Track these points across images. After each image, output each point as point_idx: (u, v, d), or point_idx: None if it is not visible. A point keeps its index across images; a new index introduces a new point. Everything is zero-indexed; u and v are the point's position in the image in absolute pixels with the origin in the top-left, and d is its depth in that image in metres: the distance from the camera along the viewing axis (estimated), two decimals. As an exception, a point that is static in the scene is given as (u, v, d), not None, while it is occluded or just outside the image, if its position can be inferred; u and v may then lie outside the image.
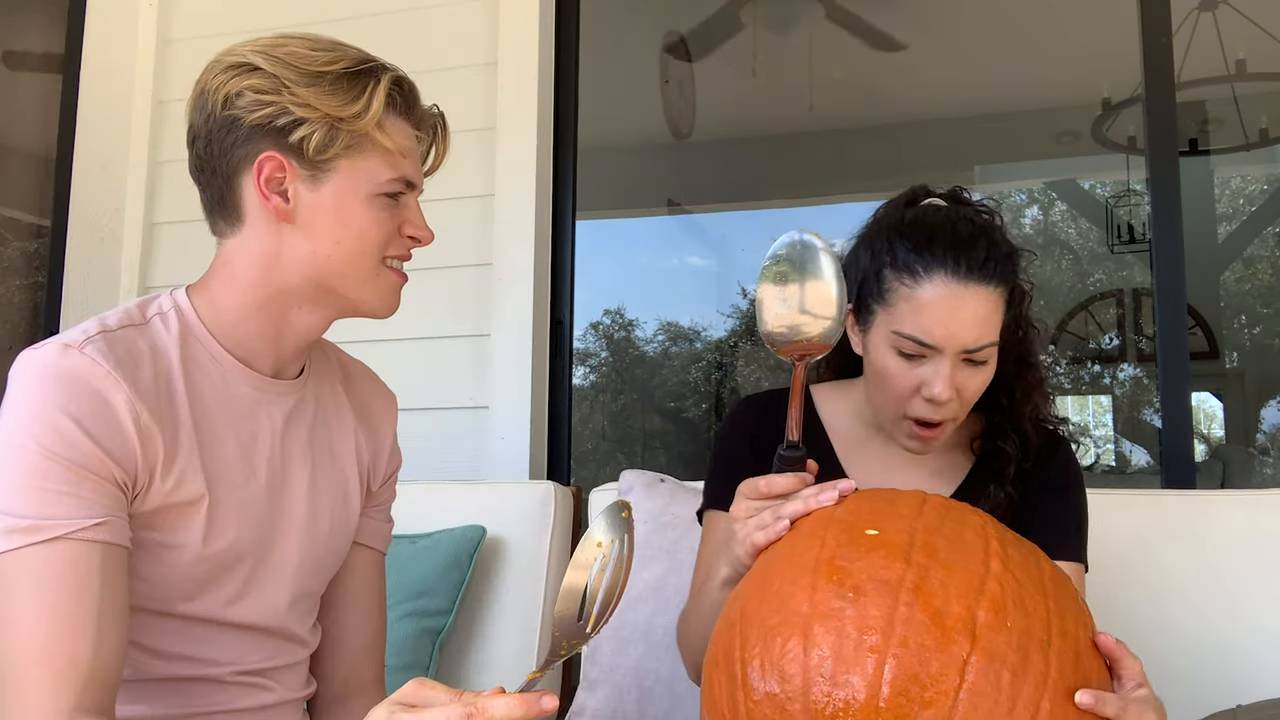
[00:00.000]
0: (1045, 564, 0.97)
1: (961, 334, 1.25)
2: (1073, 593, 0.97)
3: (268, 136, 1.12)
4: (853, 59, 4.39)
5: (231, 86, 1.12)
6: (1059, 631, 0.90)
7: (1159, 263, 2.26)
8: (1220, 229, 5.91)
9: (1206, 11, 3.88)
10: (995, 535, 0.96)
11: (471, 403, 2.50)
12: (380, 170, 1.15)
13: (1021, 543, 0.99)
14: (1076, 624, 0.93)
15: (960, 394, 1.28)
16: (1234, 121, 4.57)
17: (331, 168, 1.13)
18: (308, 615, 1.29)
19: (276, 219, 1.15)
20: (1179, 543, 1.78)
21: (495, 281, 2.52)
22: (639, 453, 6.26)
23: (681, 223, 6.01)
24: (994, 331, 1.27)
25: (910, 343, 1.27)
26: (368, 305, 1.19)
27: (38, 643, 1.00)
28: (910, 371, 1.28)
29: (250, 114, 1.12)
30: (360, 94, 1.12)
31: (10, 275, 3.09)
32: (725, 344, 6.31)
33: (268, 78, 1.11)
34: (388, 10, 2.68)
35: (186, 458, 1.12)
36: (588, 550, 0.89)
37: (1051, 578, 0.95)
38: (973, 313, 1.25)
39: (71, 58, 2.91)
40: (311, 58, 1.12)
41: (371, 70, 1.15)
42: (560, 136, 2.63)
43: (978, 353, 1.27)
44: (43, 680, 0.99)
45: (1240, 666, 1.68)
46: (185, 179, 1.21)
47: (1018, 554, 0.95)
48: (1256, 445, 6.28)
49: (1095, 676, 0.91)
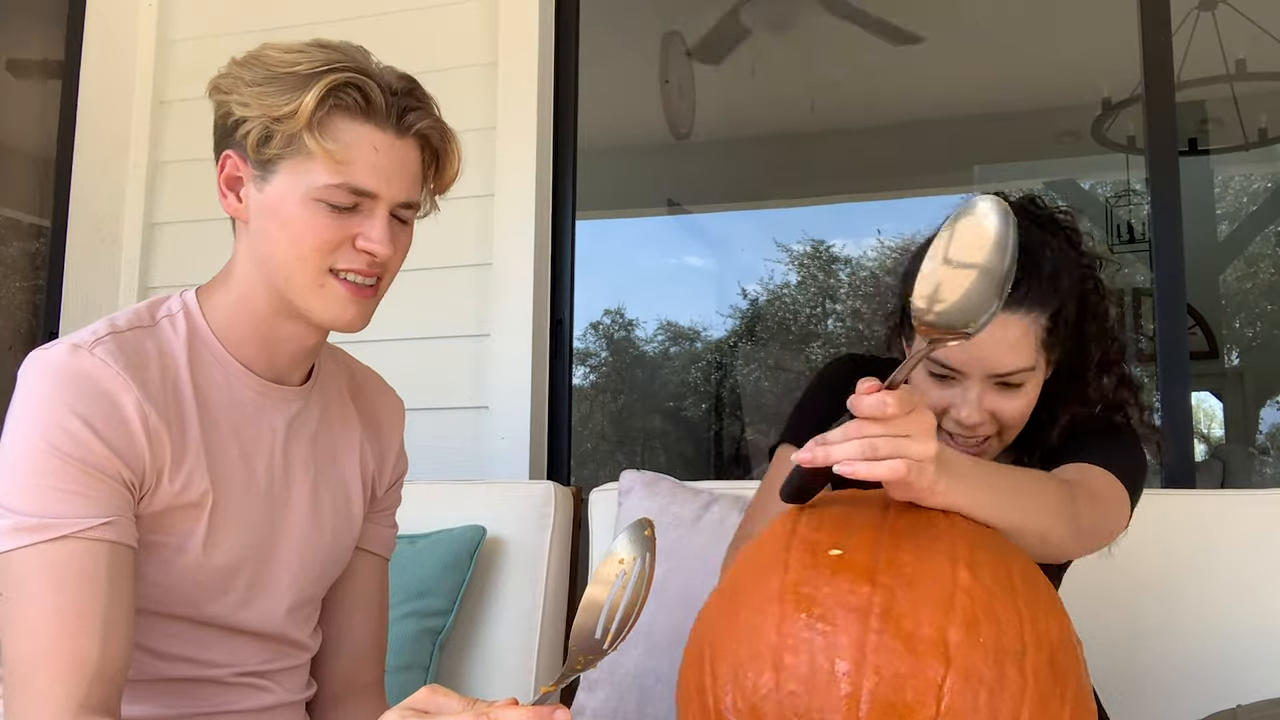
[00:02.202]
0: (1015, 560, 0.96)
1: (988, 361, 1.23)
2: (1043, 585, 0.96)
3: (226, 136, 1.14)
4: (853, 59, 4.39)
5: (211, 85, 1.15)
6: (1032, 637, 0.89)
7: (1159, 262, 2.26)
8: (1220, 229, 5.91)
9: (1206, 11, 3.87)
10: (963, 539, 0.95)
11: (471, 403, 2.50)
12: (318, 174, 1.09)
13: (989, 541, 0.97)
14: (1049, 619, 0.92)
15: (997, 416, 1.26)
16: (1234, 121, 4.57)
17: (275, 168, 1.11)
18: (308, 621, 1.29)
19: (236, 219, 1.16)
20: (1179, 542, 1.78)
21: (495, 281, 2.52)
22: (639, 453, 6.26)
23: (681, 222, 6.01)
24: (1027, 357, 1.24)
25: (938, 366, 1.26)
26: (316, 316, 1.15)
27: (45, 640, 1.00)
28: (940, 393, 1.27)
29: (215, 113, 1.15)
30: (300, 94, 1.07)
31: (10, 276, 3.09)
32: (725, 344, 6.31)
33: (230, 78, 1.12)
34: (387, 10, 2.68)
35: (194, 460, 1.12)
36: (609, 566, 0.89)
37: (1022, 575, 0.94)
38: (997, 340, 1.22)
39: (71, 58, 2.91)
40: (279, 59, 1.10)
41: (331, 71, 1.08)
42: (560, 136, 2.63)
43: (1010, 376, 1.24)
44: (51, 678, 0.99)
45: (1241, 665, 1.68)
46: (185, 179, 1.22)
47: (986, 556, 0.94)
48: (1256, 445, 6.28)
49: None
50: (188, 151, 2.76)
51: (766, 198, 5.70)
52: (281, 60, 1.10)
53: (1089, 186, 5.88)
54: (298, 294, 1.14)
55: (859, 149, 5.19)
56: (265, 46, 1.13)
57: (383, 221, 1.12)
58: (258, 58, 1.11)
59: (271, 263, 1.13)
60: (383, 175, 1.11)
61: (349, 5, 2.70)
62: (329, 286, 1.13)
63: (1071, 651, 0.93)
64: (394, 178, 1.12)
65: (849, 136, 5.22)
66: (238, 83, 1.10)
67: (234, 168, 1.14)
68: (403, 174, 1.13)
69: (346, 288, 1.13)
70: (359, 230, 1.12)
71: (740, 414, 6.12)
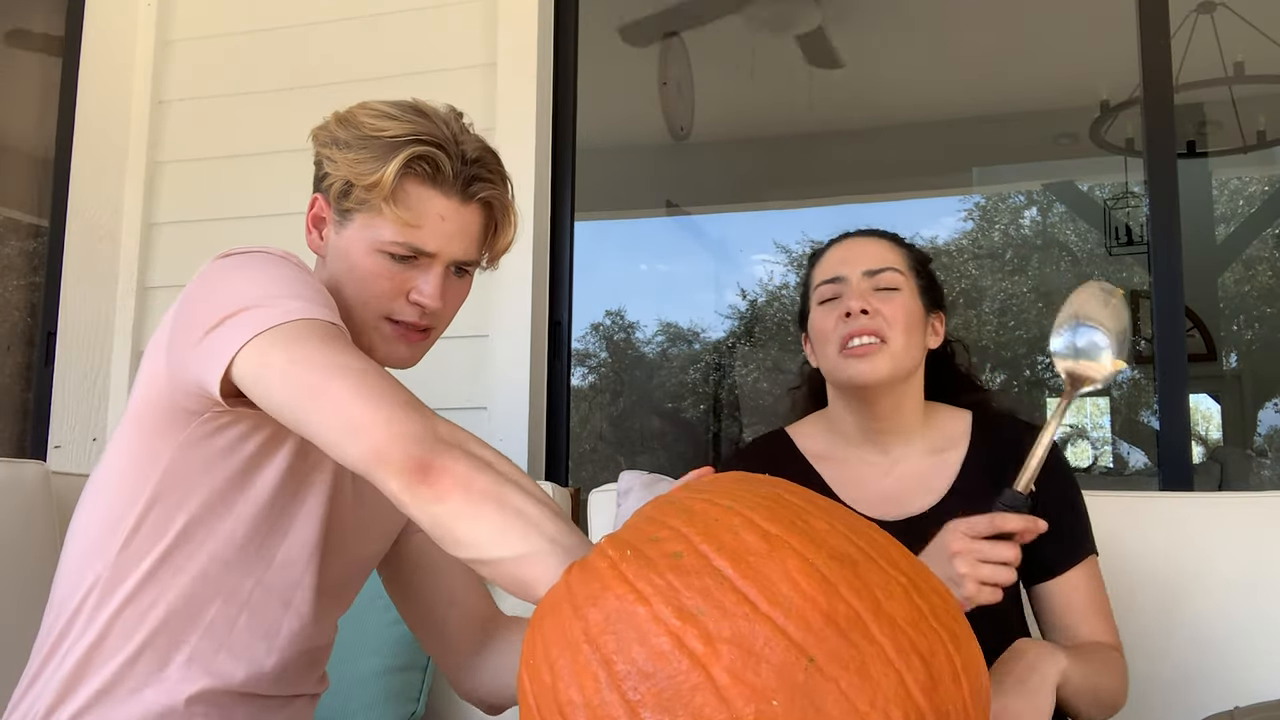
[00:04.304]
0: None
1: (859, 259, 1.48)
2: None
3: (317, 182, 1.27)
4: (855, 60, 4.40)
5: (312, 133, 1.27)
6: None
7: (1157, 265, 2.26)
8: (1218, 231, 5.92)
9: (1205, 14, 3.88)
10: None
11: (470, 403, 2.50)
12: (385, 231, 1.20)
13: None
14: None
15: (881, 314, 1.43)
16: (1232, 123, 4.58)
17: (352, 217, 1.22)
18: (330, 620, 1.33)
19: (316, 253, 1.28)
20: (1176, 545, 1.78)
21: (494, 282, 2.51)
22: (638, 453, 6.26)
23: (680, 224, 6.01)
24: (889, 259, 1.48)
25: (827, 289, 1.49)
26: (371, 352, 1.23)
27: (370, 383, 1.01)
28: (833, 308, 1.47)
29: (314, 159, 1.28)
30: (380, 166, 1.18)
31: (8, 275, 3.09)
32: (724, 345, 6.32)
33: (327, 133, 1.24)
34: (387, 11, 2.68)
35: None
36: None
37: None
38: (864, 247, 1.50)
39: (70, 59, 2.91)
40: (371, 125, 1.20)
41: (413, 143, 1.18)
42: (559, 137, 2.63)
43: (880, 275, 1.46)
44: (393, 404, 0.99)
45: (1239, 668, 1.68)
46: (184, 179, 1.24)
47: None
48: (1254, 447, 6.30)
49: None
50: (186, 151, 2.76)
51: (765, 199, 5.71)
52: (373, 126, 1.20)
53: (1087, 188, 5.89)
54: (357, 329, 1.23)
55: (858, 150, 5.20)
56: (362, 106, 1.23)
57: (437, 277, 1.23)
58: (352, 119, 1.22)
59: (339, 297, 1.21)
60: (444, 238, 1.22)
61: (349, 5, 2.70)
62: (382, 329, 1.24)
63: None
64: (454, 239, 1.23)
65: (848, 138, 5.23)
66: (332, 142, 1.22)
67: (320, 209, 1.26)
68: (463, 236, 1.24)
69: (397, 331, 1.24)
70: (415, 284, 1.23)
71: (739, 414, 6.13)
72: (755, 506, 0.82)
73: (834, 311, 1.46)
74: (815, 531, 0.81)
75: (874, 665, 0.74)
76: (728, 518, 0.81)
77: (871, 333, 1.42)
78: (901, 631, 0.77)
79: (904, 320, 1.44)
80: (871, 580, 0.79)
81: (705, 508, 0.83)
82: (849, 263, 1.48)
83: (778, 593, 0.75)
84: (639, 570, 0.78)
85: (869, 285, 1.45)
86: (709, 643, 0.73)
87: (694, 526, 0.81)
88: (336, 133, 1.22)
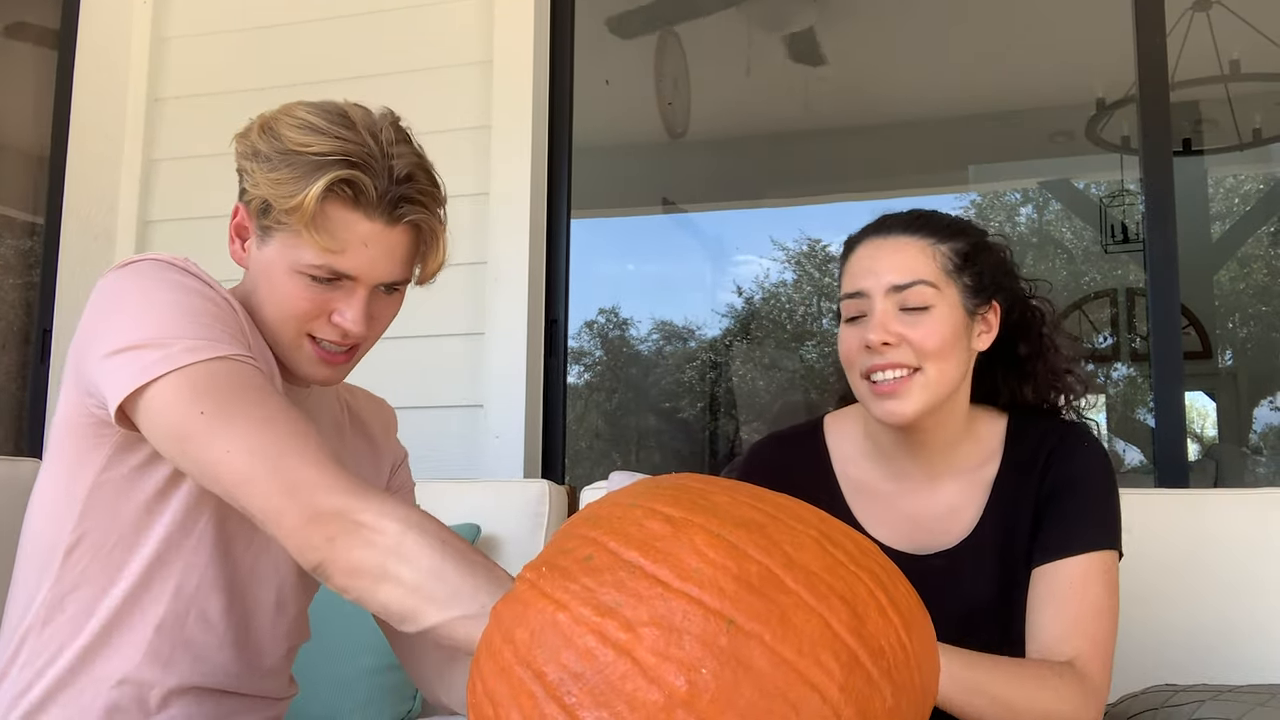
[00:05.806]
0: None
1: (885, 273, 1.32)
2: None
3: (240, 192, 1.20)
4: (851, 58, 4.39)
5: (235, 138, 1.20)
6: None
7: (1152, 262, 2.27)
8: (1214, 229, 5.92)
9: (1200, 11, 3.88)
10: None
11: (466, 401, 2.50)
12: (306, 254, 1.14)
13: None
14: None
15: (909, 341, 1.30)
16: (1228, 122, 4.58)
17: (272, 234, 1.16)
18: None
19: (239, 263, 1.23)
20: (1172, 542, 1.78)
21: (490, 280, 2.52)
22: (633, 451, 6.26)
23: (676, 221, 6.01)
24: (918, 271, 1.31)
25: (849, 307, 1.35)
26: (292, 367, 1.21)
27: (277, 432, 1.02)
28: (856, 334, 1.33)
29: (236, 169, 1.20)
30: (301, 188, 1.11)
31: (4, 273, 3.08)
32: (719, 343, 6.31)
33: (248, 143, 1.17)
34: (383, 9, 2.68)
35: None
36: None
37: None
38: (890, 255, 1.33)
39: (65, 56, 2.90)
40: (291, 139, 1.13)
41: (336, 164, 1.11)
42: (555, 135, 2.63)
43: (908, 292, 1.30)
44: (298, 462, 1.01)
45: (1233, 664, 1.68)
46: (178, 177, 1.23)
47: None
48: (1249, 444, 6.30)
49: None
50: (181, 149, 2.75)
51: (761, 197, 5.70)
52: (295, 140, 1.12)
53: (1083, 186, 5.89)
54: (277, 346, 1.19)
55: (854, 148, 5.20)
56: (287, 113, 1.16)
57: (360, 301, 1.17)
58: (275, 129, 1.14)
59: (260, 314, 1.18)
60: (367, 262, 1.15)
61: (345, 3, 2.70)
62: (304, 349, 1.19)
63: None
64: (378, 263, 1.16)
65: (844, 136, 5.22)
66: (253, 157, 1.15)
67: (244, 219, 1.20)
68: (388, 260, 1.17)
69: (319, 352, 1.19)
70: (338, 306, 1.17)
71: (735, 412, 6.13)
72: (657, 498, 0.84)
73: (857, 332, 1.32)
74: (718, 506, 0.83)
75: (794, 614, 0.76)
76: (632, 513, 0.83)
77: (898, 366, 1.30)
78: (817, 578, 0.79)
79: (937, 343, 1.29)
80: (780, 538, 0.80)
81: (610, 510, 0.85)
82: (875, 273, 1.32)
83: (688, 568, 0.77)
84: (555, 581, 0.80)
85: (894, 305, 1.30)
86: (630, 629, 0.75)
87: (601, 528, 0.83)
88: (258, 144, 1.15)
